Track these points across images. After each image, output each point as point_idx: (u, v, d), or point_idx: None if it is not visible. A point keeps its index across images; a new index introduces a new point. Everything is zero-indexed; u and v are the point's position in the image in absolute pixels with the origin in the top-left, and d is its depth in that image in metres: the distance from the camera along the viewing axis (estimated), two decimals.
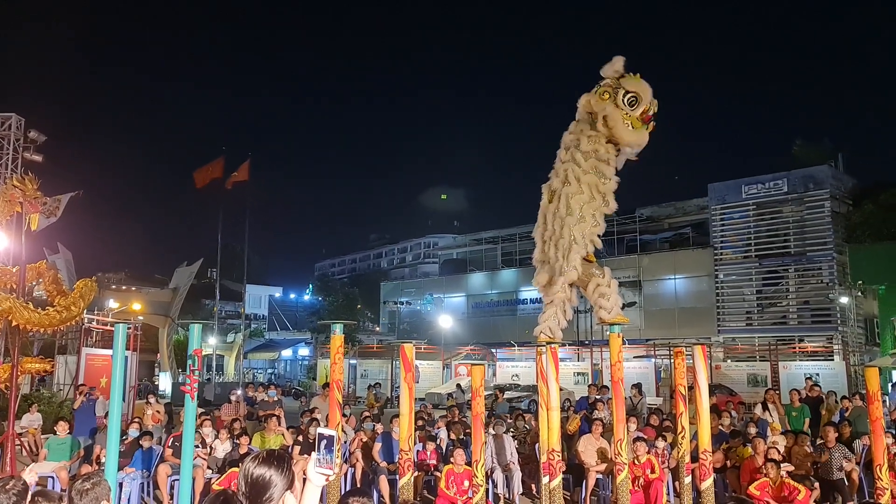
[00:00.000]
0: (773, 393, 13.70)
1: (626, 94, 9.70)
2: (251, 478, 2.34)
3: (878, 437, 8.14)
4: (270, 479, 2.33)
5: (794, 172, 32.28)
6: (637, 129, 9.79)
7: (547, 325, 10.29)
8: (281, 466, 2.37)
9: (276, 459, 2.39)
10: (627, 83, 9.75)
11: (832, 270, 30.81)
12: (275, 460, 2.39)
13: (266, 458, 2.40)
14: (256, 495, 2.33)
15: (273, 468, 2.35)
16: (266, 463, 2.37)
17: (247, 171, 32.68)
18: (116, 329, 7.00)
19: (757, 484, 9.06)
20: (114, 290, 32.30)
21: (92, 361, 16.76)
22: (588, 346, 34.66)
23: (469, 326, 44.59)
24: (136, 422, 11.03)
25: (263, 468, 2.35)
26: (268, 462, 2.37)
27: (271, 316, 62.56)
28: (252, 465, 2.38)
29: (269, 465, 2.35)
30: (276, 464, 2.37)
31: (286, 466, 2.38)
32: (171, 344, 34.07)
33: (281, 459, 2.40)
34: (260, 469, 2.35)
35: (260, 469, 2.35)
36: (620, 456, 8.08)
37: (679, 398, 8.78)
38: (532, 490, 10.30)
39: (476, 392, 8.14)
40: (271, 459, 2.39)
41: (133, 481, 9.41)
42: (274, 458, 2.40)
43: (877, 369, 9.05)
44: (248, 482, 2.34)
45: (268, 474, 2.34)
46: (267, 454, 2.43)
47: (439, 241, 69.38)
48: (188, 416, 7.16)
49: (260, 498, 2.33)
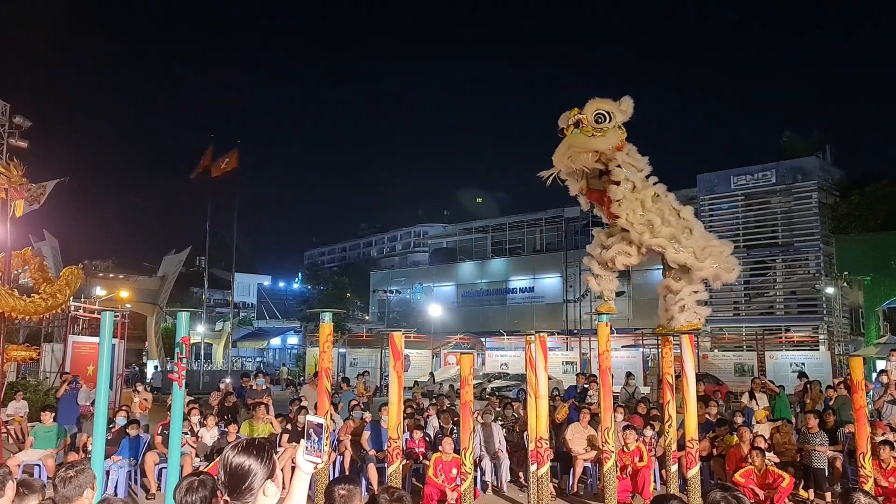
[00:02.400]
0: (761, 381, 13.82)
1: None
2: (230, 467, 2.30)
3: (861, 426, 8.22)
4: (250, 468, 2.30)
5: (782, 163, 32.42)
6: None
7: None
8: (261, 455, 2.33)
9: (256, 448, 2.35)
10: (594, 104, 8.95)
11: (819, 261, 31.02)
12: (255, 449, 2.34)
13: (246, 446, 2.36)
14: (236, 484, 2.29)
15: (253, 457, 2.31)
16: (246, 451, 2.33)
17: (236, 159, 32.49)
18: (103, 316, 6.95)
19: (742, 472, 9.15)
20: (101, 278, 32.12)
21: (79, 349, 16.66)
22: (577, 336, 34.82)
23: (458, 315, 44.67)
24: (123, 410, 10.99)
25: (243, 457, 2.31)
26: (247, 451, 2.33)
27: (260, 304, 62.36)
28: (231, 453, 2.34)
29: (248, 454, 2.32)
30: (255, 452, 2.33)
31: (267, 455, 2.35)
32: (159, 332, 33.93)
33: (261, 448, 2.36)
34: (239, 458, 2.31)
35: (239, 458, 2.31)
36: (608, 444, 8.12)
37: (666, 387, 8.83)
38: (520, 478, 10.35)
39: (465, 381, 8.16)
40: (251, 448, 2.35)
41: (120, 469, 9.39)
42: (254, 446, 2.36)
43: (861, 359, 9.11)
44: (227, 471, 2.30)
45: (247, 463, 2.30)
46: (247, 443, 2.39)
47: (429, 230, 69.34)
48: (176, 404, 7.14)
49: (239, 487, 2.29)
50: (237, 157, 32.46)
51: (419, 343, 36.43)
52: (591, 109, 8.92)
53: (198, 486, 3.84)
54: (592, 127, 8.83)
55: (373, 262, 74.39)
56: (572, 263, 40.62)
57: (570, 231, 42.76)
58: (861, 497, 3.52)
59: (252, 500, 2.29)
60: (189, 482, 3.91)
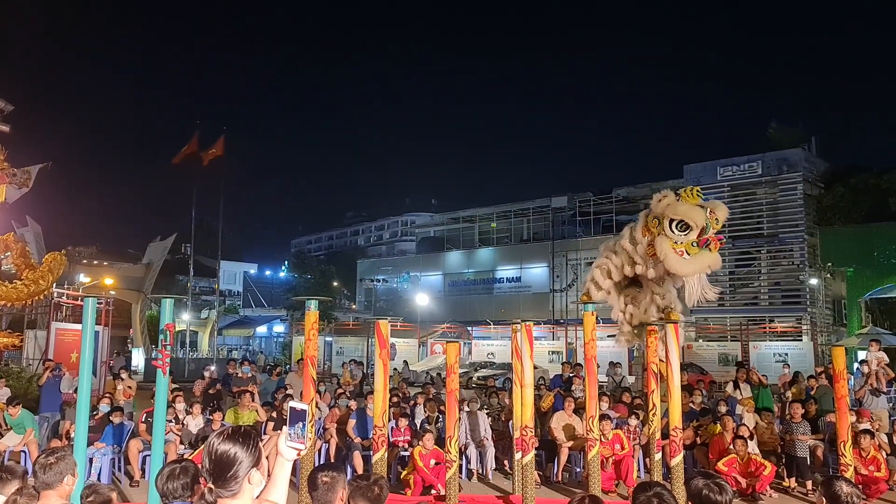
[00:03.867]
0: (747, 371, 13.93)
1: (672, 221, 9.15)
2: (215, 454, 2.28)
3: (842, 415, 8.31)
4: (235, 455, 2.27)
5: (768, 155, 32.58)
6: (694, 254, 9.24)
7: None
8: (247, 443, 2.31)
9: (241, 436, 2.32)
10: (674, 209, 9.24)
11: (803, 252, 31.26)
12: (240, 437, 2.32)
13: (231, 434, 2.34)
14: (220, 472, 2.27)
15: (238, 445, 2.29)
16: (231, 439, 2.30)
17: (222, 146, 32.26)
18: (85, 303, 6.89)
19: (725, 460, 9.25)
20: (84, 265, 31.82)
21: (62, 336, 16.52)
22: (563, 325, 34.97)
23: (445, 304, 44.70)
24: (107, 397, 10.92)
25: (228, 444, 2.29)
26: (233, 438, 2.31)
27: (246, 292, 62.10)
28: (217, 440, 2.31)
29: (234, 442, 2.29)
30: (241, 440, 2.31)
31: (253, 443, 2.32)
32: (144, 319, 33.71)
33: (247, 436, 2.33)
34: (224, 445, 2.29)
35: (224, 445, 2.29)
36: (592, 432, 8.16)
37: (651, 376, 8.88)
38: (505, 466, 10.41)
39: (451, 369, 8.17)
40: (237, 436, 2.32)
41: (104, 456, 9.34)
42: (240, 434, 2.33)
43: (843, 349, 9.19)
44: (211, 458, 2.28)
45: (232, 451, 2.27)
46: (233, 430, 2.36)
47: (417, 220, 69.21)
48: (160, 391, 7.09)
49: (224, 475, 2.27)
50: (223, 144, 32.25)
51: (406, 332, 36.47)
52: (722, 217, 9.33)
53: (179, 473, 3.82)
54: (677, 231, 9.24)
55: (360, 250, 74.21)
56: (559, 253, 40.76)
57: (557, 221, 42.82)
58: (843, 485, 3.55)
59: (237, 488, 2.27)
60: (171, 469, 3.88)
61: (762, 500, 9.06)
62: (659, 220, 9.31)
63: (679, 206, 9.25)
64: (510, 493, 8.85)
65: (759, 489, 9.09)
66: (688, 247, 9.21)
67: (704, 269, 9.40)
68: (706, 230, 9.16)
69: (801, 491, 9.57)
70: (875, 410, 11.70)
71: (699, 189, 9.70)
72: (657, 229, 9.35)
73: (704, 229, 9.14)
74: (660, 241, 9.25)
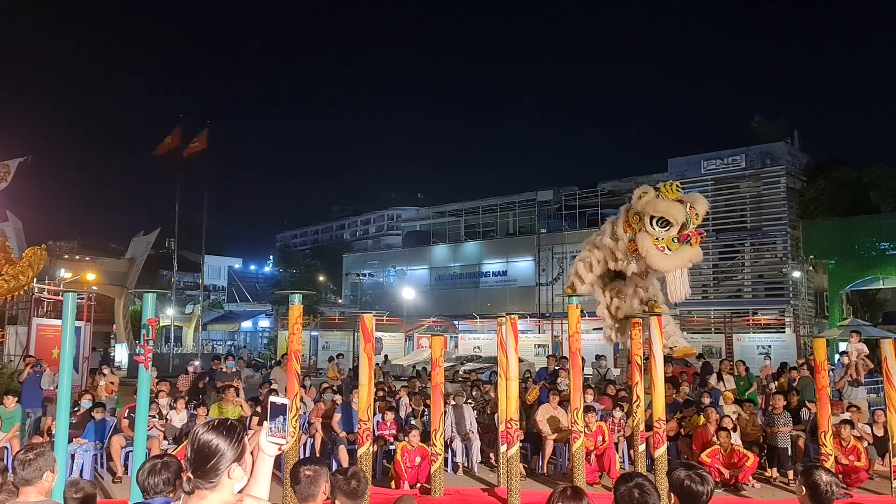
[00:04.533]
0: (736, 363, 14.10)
1: (653, 218, 9.28)
2: (198, 443, 2.26)
3: (823, 406, 8.40)
4: (218, 447, 2.26)
5: (751, 148, 32.78)
6: (675, 250, 9.41)
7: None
8: (231, 437, 2.29)
9: (226, 429, 2.31)
10: (655, 206, 9.35)
11: (786, 245, 31.52)
12: (225, 429, 2.31)
13: (217, 425, 2.32)
14: (201, 462, 2.25)
15: (222, 437, 2.28)
16: (216, 430, 2.29)
17: (205, 139, 32.06)
18: (66, 298, 6.82)
19: (708, 451, 9.32)
20: (66, 260, 31.42)
21: (43, 332, 16.35)
22: (549, 319, 35.08)
23: (432, 298, 44.70)
24: (88, 393, 10.83)
25: (212, 435, 2.28)
26: (218, 430, 2.30)
27: (231, 287, 61.73)
28: (202, 430, 2.30)
29: (218, 434, 2.28)
30: (225, 433, 2.29)
31: (237, 438, 2.31)
32: (127, 315, 33.46)
33: (232, 430, 2.32)
34: (208, 435, 2.27)
35: (208, 435, 2.27)
36: (577, 424, 8.20)
37: (635, 368, 8.93)
38: (490, 458, 10.43)
39: (436, 363, 8.17)
40: (221, 428, 2.31)
41: (86, 452, 9.27)
42: (225, 427, 2.32)
43: (824, 340, 9.29)
44: (193, 448, 2.27)
45: (215, 442, 2.26)
46: (219, 422, 2.35)
47: (402, 214, 69.10)
48: (142, 387, 7.04)
49: (204, 465, 2.25)
50: (206, 137, 32.03)
51: (392, 326, 36.43)
52: (702, 210, 9.41)
53: (161, 469, 3.80)
54: (657, 227, 9.31)
55: (346, 244, 73.96)
56: (545, 247, 40.85)
57: (543, 214, 42.90)
58: (822, 475, 3.58)
59: (217, 481, 2.25)
60: (152, 464, 3.86)
61: (745, 490, 9.14)
62: (640, 217, 9.37)
63: (659, 202, 9.32)
64: (495, 486, 8.88)
65: (742, 479, 9.18)
66: (669, 243, 9.29)
67: (686, 263, 9.51)
68: (686, 226, 9.23)
69: (782, 481, 9.67)
70: (854, 401, 11.85)
71: (679, 184, 9.77)
72: (638, 225, 9.42)
73: (685, 225, 9.22)
74: (641, 238, 9.33)
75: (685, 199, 9.61)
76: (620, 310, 11.19)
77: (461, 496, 8.46)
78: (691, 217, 9.35)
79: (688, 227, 9.32)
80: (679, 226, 9.27)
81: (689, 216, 9.32)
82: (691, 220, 9.34)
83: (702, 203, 9.70)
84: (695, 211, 9.44)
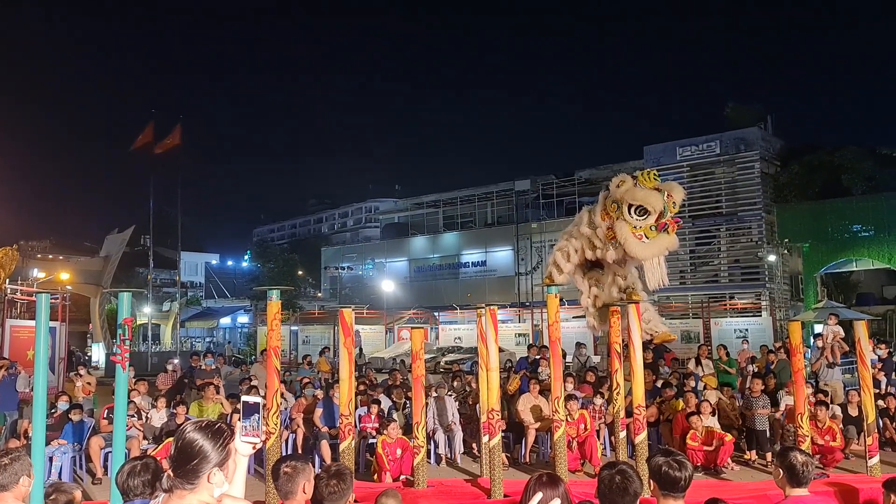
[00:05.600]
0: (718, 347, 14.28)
1: (631, 206, 9.34)
2: (183, 441, 2.23)
3: (799, 388, 8.51)
4: (202, 448, 2.22)
5: (726, 134, 33.08)
6: (653, 238, 9.50)
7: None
8: (217, 440, 2.26)
9: (213, 432, 2.27)
10: (633, 195, 9.40)
11: (761, 229, 31.89)
12: (212, 432, 2.27)
13: (205, 427, 2.28)
14: (183, 461, 2.22)
15: (207, 438, 2.24)
16: (203, 431, 2.25)
17: (178, 135, 31.68)
18: (38, 299, 6.70)
19: (691, 434, 9.44)
20: (39, 260, 30.98)
21: (17, 333, 16.10)
22: (528, 308, 35.21)
23: (411, 290, 44.67)
24: (64, 394, 10.69)
25: (198, 435, 2.24)
26: (205, 431, 2.26)
27: (208, 283, 61.24)
28: (189, 428, 2.27)
29: (204, 435, 2.24)
30: (211, 435, 2.26)
31: (222, 442, 2.27)
32: (103, 314, 33.06)
33: (219, 433, 2.28)
34: (194, 435, 2.24)
35: (194, 435, 2.24)
36: (558, 413, 8.24)
37: (614, 355, 8.98)
38: (473, 449, 10.46)
39: (416, 355, 8.15)
40: (208, 430, 2.27)
41: (64, 455, 9.16)
42: (212, 429, 2.28)
43: (800, 323, 9.40)
44: (178, 445, 2.24)
45: (200, 442, 2.23)
46: (207, 423, 2.31)
47: (380, 206, 68.92)
48: (119, 387, 6.95)
49: (186, 465, 2.22)
50: (180, 133, 31.66)
51: (372, 319, 36.36)
52: (679, 199, 9.49)
53: (140, 470, 3.75)
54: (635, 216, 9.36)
55: (324, 238, 73.55)
56: (523, 236, 40.96)
57: (521, 204, 43.01)
58: (798, 455, 3.65)
59: (196, 483, 2.22)
60: (132, 466, 3.81)
61: (724, 473, 9.27)
62: (618, 205, 9.44)
63: (637, 191, 9.39)
64: (478, 476, 8.90)
65: (720, 462, 9.30)
66: (646, 231, 9.38)
67: (663, 251, 9.61)
68: (664, 214, 9.31)
69: (761, 463, 9.81)
70: (830, 382, 12.05)
71: (656, 172, 9.86)
72: (616, 214, 9.49)
73: (662, 213, 9.30)
74: (619, 226, 9.40)
75: (662, 187, 9.70)
76: (599, 298, 11.26)
77: (444, 487, 8.47)
78: (668, 205, 9.43)
79: (665, 216, 9.40)
80: (657, 214, 9.35)
81: (667, 204, 9.41)
82: (668, 208, 9.43)
83: (678, 192, 9.80)
84: (672, 199, 9.53)
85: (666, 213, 9.41)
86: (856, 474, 8.52)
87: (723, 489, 7.73)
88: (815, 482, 3.56)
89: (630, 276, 10.57)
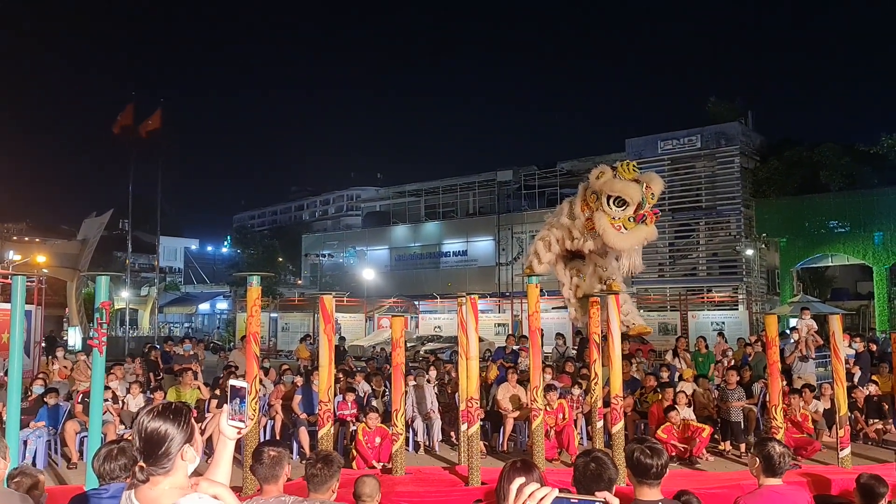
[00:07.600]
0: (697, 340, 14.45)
1: (610, 197, 9.38)
2: (145, 432, 2.22)
3: (774, 380, 8.64)
4: (167, 432, 2.22)
5: (707, 129, 33.27)
6: (631, 229, 9.53)
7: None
8: (178, 419, 2.26)
9: (172, 412, 2.27)
10: (612, 186, 9.43)
11: (739, 224, 32.19)
12: (171, 413, 2.27)
13: (162, 411, 2.28)
14: (151, 450, 2.22)
15: (169, 421, 2.24)
16: (161, 416, 2.25)
17: (159, 118, 31.32)
18: (14, 282, 6.62)
19: (663, 427, 9.54)
20: (15, 242, 30.56)
21: None
22: (508, 298, 35.34)
23: (392, 279, 44.61)
24: (40, 378, 10.58)
25: (159, 421, 2.24)
26: (163, 415, 2.25)
27: (187, 269, 60.78)
28: (146, 418, 2.26)
29: (164, 419, 2.24)
30: (172, 416, 2.25)
31: (184, 420, 2.27)
32: (80, 298, 32.67)
33: (178, 412, 2.28)
34: (155, 422, 2.23)
35: (155, 422, 2.23)
36: (536, 402, 8.30)
37: (593, 346, 9.05)
38: (452, 437, 10.51)
39: (396, 343, 8.16)
40: (167, 412, 2.27)
41: (39, 438, 9.07)
42: (170, 410, 2.28)
43: (776, 317, 9.53)
44: (141, 437, 2.23)
45: (163, 428, 2.22)
46: (163, 407, 2.31)
47: (362, 194, 68.57)
48: (96, 371, 6.90)
49: (155, 452, 2.22)
50: (161, 117, 31.29)
51: (352, 307, 36.28)
52: (658, 190, 9.51)
53: (117, 454, 3.74)
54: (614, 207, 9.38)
55: (305, 225, 73.17)
56: (504, 226, 41.03)
57: (503, 194, 43.05)
58: (775, 446, 3.72)
59: (169, 465, 2.22)
60: (108, 450, 3.79)
61: (699, 463, 9.40)
62: (597, 196, 9.51)
63: (616, 182, 9.47)
64: (456, 464, 8.95)
65: (696, 453, 9.43)
66: (625, 222, 9.47)
67: (641, 242, 9.73)
68: (642, 205, 9.40)
69: (735, 454, 9.96)
70: (804, 375, 12.24)
71: (635, 164, 9.94)
72: (595, 205, 9.55)
73: (641, 204, 9.38)
74: (598, 217, 9.47)
75: (641, 178, 9.77)
76: (580, 289, 11.33)
77: (422, 475, 8.50)
78: (647, 197, 9.51)
79: (644, 207, 9.49)
80: (635, 205, 9.43)
81: (645, 196, 9.49)
82: (647, 199, 9.51)
83: (657, 183, 9.87)
84: (651, 191, 9.61)
85: (644, 205, 9.49)
86: (827, 466, 8.68)
87: (697, 479, 7.84)
88: (787, 472, 3.63)
89: (610, 267, 10.66)
